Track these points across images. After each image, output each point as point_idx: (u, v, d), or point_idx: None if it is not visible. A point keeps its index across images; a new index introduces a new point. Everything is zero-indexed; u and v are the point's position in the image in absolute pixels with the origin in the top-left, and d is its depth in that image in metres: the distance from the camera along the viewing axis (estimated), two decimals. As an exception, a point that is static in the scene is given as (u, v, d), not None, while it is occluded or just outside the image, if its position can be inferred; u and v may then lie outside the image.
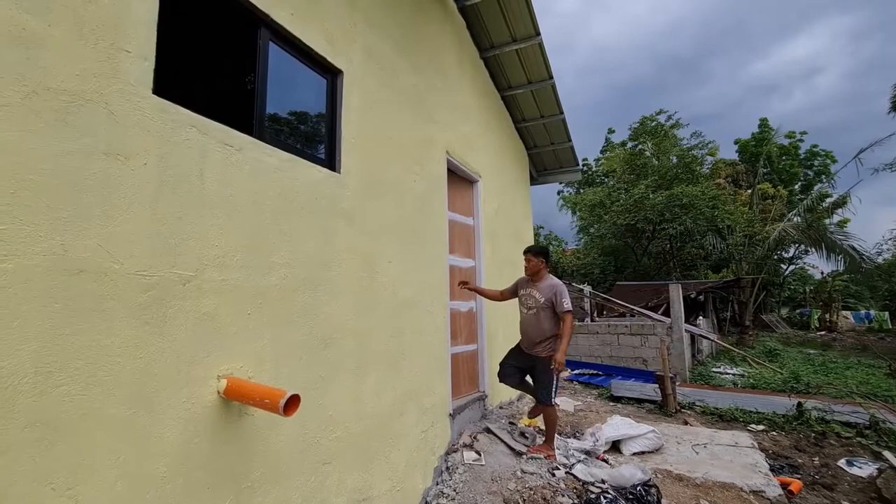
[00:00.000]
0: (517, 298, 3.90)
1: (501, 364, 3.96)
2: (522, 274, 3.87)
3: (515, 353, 3.89)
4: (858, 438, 4.78)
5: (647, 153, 19.95)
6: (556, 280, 3.70)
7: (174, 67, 2.46)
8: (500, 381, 3.97)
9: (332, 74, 2.56)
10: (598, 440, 3.89)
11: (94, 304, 1.32)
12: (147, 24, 1.54)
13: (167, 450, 1.49)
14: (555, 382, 3.56)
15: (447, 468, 3.27)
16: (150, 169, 1.51)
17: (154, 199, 1.51)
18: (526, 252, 3.78)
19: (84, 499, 1.26)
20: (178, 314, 1.56)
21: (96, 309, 1.32)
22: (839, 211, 13.70)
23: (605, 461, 3.77)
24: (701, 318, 12.71)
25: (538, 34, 4.54)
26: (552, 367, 3.46)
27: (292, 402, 1.56)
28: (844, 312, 23.45)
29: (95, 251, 1.33)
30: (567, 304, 3.52)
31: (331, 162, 2.49)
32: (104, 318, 1.34)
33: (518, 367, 3.83)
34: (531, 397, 4.09)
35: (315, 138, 2.54)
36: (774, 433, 5.12)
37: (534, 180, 7.01)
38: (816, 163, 24.54)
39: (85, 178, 1.32)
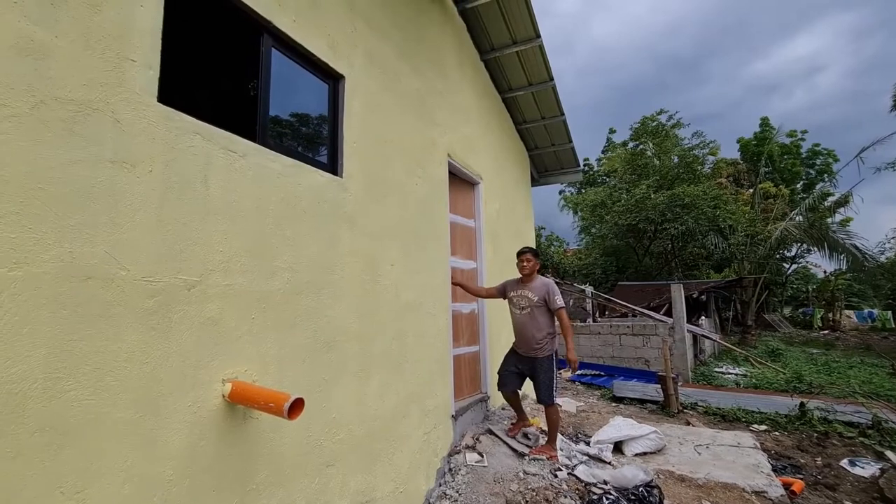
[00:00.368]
0: (507, 300, 3.89)
1: (500, 373, 3.94)
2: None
3: (512, 358, 3.87)
4: (861, 438, 4.79)
5: (649, 153, 19.94)
6: (546, 279, 3.80)
7: (178, 75, 2.49)
8: (500, 389, 3.94)
9: (333, 79, 2.57)
10: (602, 450, 3.89)
11: (102, 310, 1.34)
12: (152, 33, 1.57)
13: (173, 453, 1.51)
14: (555, 382, 3.58)
15: (450, 469, 3.28)
16: (155, 176, 1.53)
17: (159, 205, 1.53)
18: (526, 252, 3.80)
19: (92, 502, 1.28)
20: (183, 319, 1.58)
21: (103, 315, 1.34)
22: (841, 210, 13.71)
23: (608, 462, 3.78)
24: (703, 318, 12.70)
25: (538, 36, 4.55)
26: (555, 367, 3.50)
27: (296, 406, 1.58)
28: (847, 311, 23.39)
29: (102, 258, 1.35)
30: (560, 300, 3.63)
31: (333, 166, 2.51)
32: (111, 323, 1.36)
33: (517, 371, 3.82)
34: (521, 409, 4.03)
35: (317, 143, 2.56)
36: (777, 433, 5.13)
37: (535, 181, 7.02)
38: (818, 162, 24.43)
39: (92, 186, 1.34)
